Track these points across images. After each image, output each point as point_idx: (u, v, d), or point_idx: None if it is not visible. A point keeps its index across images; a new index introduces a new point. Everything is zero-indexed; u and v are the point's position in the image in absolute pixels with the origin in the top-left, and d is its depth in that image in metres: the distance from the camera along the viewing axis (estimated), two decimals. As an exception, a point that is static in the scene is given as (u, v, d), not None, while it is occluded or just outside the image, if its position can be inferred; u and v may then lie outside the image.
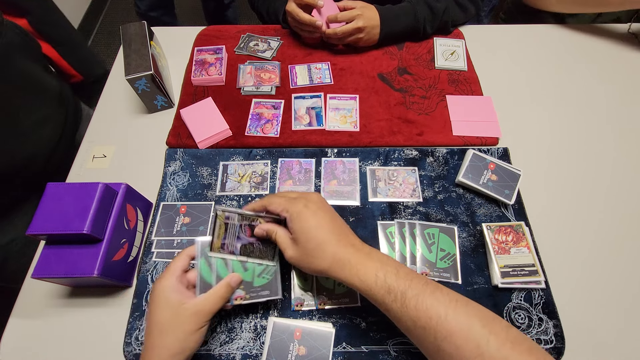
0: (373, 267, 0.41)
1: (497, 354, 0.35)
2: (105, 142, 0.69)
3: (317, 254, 0.42)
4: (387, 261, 0.42)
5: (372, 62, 0.78)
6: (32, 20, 0.75)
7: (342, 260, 0.41)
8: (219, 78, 0.75)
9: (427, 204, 0.61)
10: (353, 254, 0.42)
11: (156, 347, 0.41)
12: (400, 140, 0.67)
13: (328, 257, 0.42)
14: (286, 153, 0.66)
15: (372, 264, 0.41)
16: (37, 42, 0.74)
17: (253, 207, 0.48)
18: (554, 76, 0.77)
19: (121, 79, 0.76)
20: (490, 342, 0.35)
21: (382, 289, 0.39)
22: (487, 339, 0.36)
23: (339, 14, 0.72)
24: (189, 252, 0.47)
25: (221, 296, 0.44)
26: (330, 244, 0.42)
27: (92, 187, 0.49)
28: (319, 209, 0.44)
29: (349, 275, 0.41)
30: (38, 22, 0.76)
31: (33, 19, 0.75)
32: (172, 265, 0.45)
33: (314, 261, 0.42)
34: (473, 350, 0.35)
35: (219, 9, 1.69)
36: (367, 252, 0.43)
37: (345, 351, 0.49)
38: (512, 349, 0.35)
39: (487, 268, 0.55)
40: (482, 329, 0.36)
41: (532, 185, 0.63)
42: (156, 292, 0.43)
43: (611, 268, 0.56)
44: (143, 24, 0.71)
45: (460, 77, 0.76)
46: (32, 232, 0.46)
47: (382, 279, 0.40)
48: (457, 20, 0.80)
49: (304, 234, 0.43)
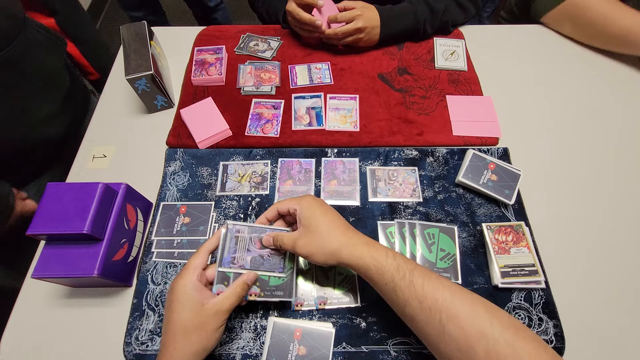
0: (383, 249, 0.44)
1: (500, 338, 0.35)
2: (105, 142, 0.69)
3: (327, 236, 0.45)
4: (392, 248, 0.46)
5: (372, 62, 0.78)
6: (59, 20, 0.81)
7: (353, 239, 0.44)
8: (219, 78, 0.75)
9: (427, 204, 0.61)
10: (361, 237, 0.45)
11: (178, 347, 0.40)
12: (400, 140, 0.67)
13: (338, 236, 0.44)
14: (286, 153, 0.66)
15: (380, 246, 0.44)
16: (63, 41, 0.78)
17: (265, 216, 0.51)
18: (554, 76, 0.77)
19: (121, 79, 0.76)
20: (494, 325, 0.36)
21: (392, 266, 0.41)
22: (491, 323, 0.36)
23: (339, 14, 0.72)
24: (208, 247, 0.47)
25: (238, 294, 0.44)
26: (339, 226, 0.46)
27: (92, 187, 0.49)
28: (323, 203, 0.48)
29: (360, 252, 0.43)
30: (64, 22, 0.82)
31: (60, 18, 0.81)
32: (192, 263, 0.45)
33: (324, 243, 0.44)
34: (477, 333, 0.36)
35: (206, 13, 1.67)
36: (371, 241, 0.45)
37: (345, 351, 0.49)
38: (516, 334, 0.36)
39: (487, 268, 0.55)
40: (486, 313, 0.37)
41: (532, 185, 0.63)
42: (177, 291, 0.42)
43: (611, 268, 0.56)
44: (143, 23, 0.71)
45: (460, 77, 0.76)
46: (32, 232, 0.46)
47: (392, 257, 0.42)
48: (457, 20, 0.80)
49: (316, 219, 0.45)
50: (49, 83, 0.73)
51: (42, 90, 0.72)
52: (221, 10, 1.70)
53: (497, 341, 0.35)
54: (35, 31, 0.69)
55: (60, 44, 0.77)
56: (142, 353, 0.50)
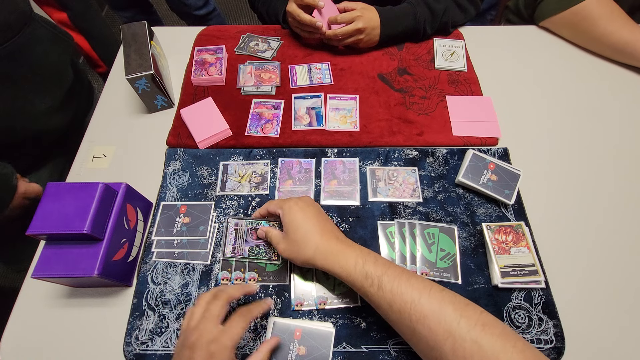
0: (353, 255, 0.45)
1: (467, 335, 0.36)
2: (105, 142, 0.69)
3: (302, 244, 0.46)
4: (367, 251, 0.46)
5: (372, 62, 0.78)
6: (71, 15, 0.85)
7: (325, 250, 0.46)
8: (219, 78, 0.75)
9: (427, 204, 0.61)
10: (335, 244, 0.46)
11: None
12: (400, 140, 0.67)
13: (312, 246, 0.46)
14: (286, 153, 0.66)
15: (352, 253, 0.45)
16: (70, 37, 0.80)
17: (259, 212, 0.55)
18: (553, 76, 0.77)
19: (121, 79, 0.76)
20: (462, 324, 0.37)
21: (360, 274, 0.43)
22: (458, 321, 0.37)
23: (339, 16, 0.72)
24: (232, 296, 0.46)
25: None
26: (314, 234, 0.47)
27: (92, 187, 0.49)
28: (307, 206, 0.49)
29: (331, 263, 0.45)
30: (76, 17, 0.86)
31: (72, 13, 0.85)
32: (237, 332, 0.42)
33: (300, 250, 0.47)
34: (445, 332, 0.37)
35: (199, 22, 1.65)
36: (349, 244, 0.47)
37: (345, 351, 0.49)
38: (483, 330, 0.37)
39: (487, 268, 0.55)
40: (453, 312, 0.38)
41: (532, 185, 0.63)
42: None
43: (611, 268, 0.56)
44: (143, 23, 0.71)
45: (460, 78, 0.76)
46: (32, 232, 0.46)
47: (360, 265, 0.44)
48: (456, 21, 0.80)
49: (292, 225, 0.48)
50: (51, 77, 0.75)
51: (45, 84, 0.73)
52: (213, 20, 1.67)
53: (464, 339, 0.36)
54: (41, 26, 0.70)
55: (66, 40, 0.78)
56: (142, 353, 0.50)
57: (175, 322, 0.52)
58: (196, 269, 0.56)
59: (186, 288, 0.54)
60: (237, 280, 0.55)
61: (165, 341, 0.51)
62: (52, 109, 0.75)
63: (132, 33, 0.69)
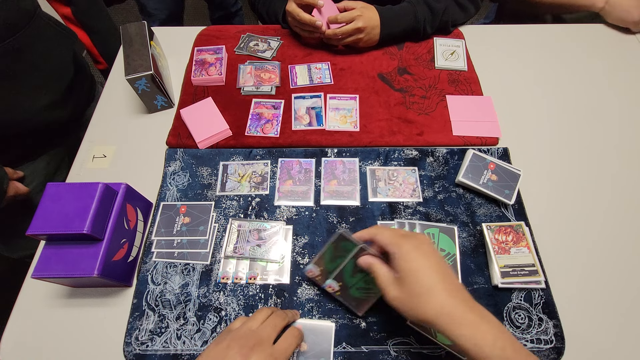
0: (491, 333, 0.37)
1: None
2: (105, 142, 0.69)
3: (423, 300, 0.39)
4: (503, 328, 0.38)
5: (372, 62, 0.78)
6: (75, 10, 0.84)
7: (452, 314, 0.38)
8: (219, 78, 0.75)
9: (427, 204, 0.61)
10: (464, 311, 0.38)
11: None
12: (400, 140, 0.67)
13: (436, 306, 0.38)
14: (286, 153, 0.66)
15: (489, 329, 0.37)
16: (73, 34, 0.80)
17: (360, 235, 0.46)
18: (554, 76, 0.77)
19: (121, 79, 0.76)
20: None
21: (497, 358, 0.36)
22: None
23: (339, 15, 0.72)
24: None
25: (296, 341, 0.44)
26: (440, 292, 0.39)
27: (92, 187, 0.49)
28: (429, 253, 0.42)
29: (460, 334, 0.37)
30: (80, 12, 0.85)
31: (76, 9, 0.84)
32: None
33: (419, 306, 0.39)
34: None
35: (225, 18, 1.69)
36: (481, 314, 0.38)
37: (345, 351, 0.49)
38: None
39: (487, 268, 0.55)
40: None
41: (532, 185, 0.63)
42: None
43: (611, 268, 0.56)
44: (143, 24, 0.71)
45: (460, 77, 0.76)
46: (32, 232, 0.46)
47: (499, 348, 0.36)
48: (457, 20, 0.80)
49: (413, 276, 0.40)
50: (53, 73, 0.75)
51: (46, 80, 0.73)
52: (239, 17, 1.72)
53: None
54: (45, 24, 0.71)
55: (69, 37, 0.78)
56: (142, 353, 0.50)
57: (175, 322, 0.52)
58: (196, 269, 0.56)
59: (186, 288, 0.54)
60: (237, 279, 0.55)
61: (165, 341, 0.51)
62: (53, 103, 0.75)
63: (132, 33, 0.69)
